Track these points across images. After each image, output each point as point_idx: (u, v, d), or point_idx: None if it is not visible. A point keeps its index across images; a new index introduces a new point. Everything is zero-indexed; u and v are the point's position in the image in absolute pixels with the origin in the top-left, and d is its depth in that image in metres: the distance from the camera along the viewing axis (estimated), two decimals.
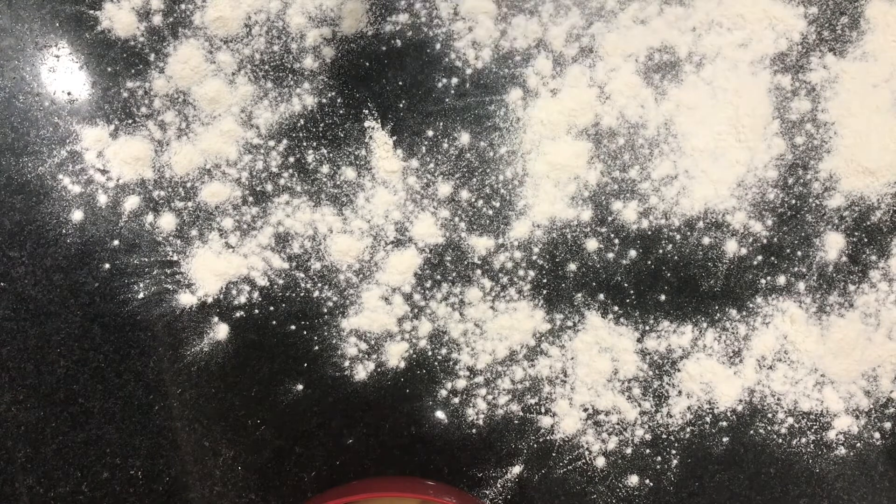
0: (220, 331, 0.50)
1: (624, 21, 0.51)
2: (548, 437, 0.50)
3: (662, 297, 0.51)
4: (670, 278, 0.51)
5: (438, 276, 0.50)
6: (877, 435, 0.51)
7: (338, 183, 0.50)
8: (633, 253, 0.51)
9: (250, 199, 0.50)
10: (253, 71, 0.50)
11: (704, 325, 0.51)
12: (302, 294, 0.50)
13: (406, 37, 0.51)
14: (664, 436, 0.51)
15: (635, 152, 0.51)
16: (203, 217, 0.50)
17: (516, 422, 0.50)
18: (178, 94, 0.50)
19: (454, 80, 0.51)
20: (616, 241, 0.51)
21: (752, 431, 0.51)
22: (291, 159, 0.50)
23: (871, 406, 0.51)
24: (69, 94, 0.50)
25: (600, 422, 0.51)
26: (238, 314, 0.50)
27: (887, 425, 0.51)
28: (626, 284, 0.51)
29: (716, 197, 0.51)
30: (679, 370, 0.51)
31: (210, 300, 0.50)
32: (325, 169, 0.50)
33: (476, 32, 0.51)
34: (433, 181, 0.51)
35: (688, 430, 0.51)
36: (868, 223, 0.51)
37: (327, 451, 0.50)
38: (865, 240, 0.51)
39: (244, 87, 0.50)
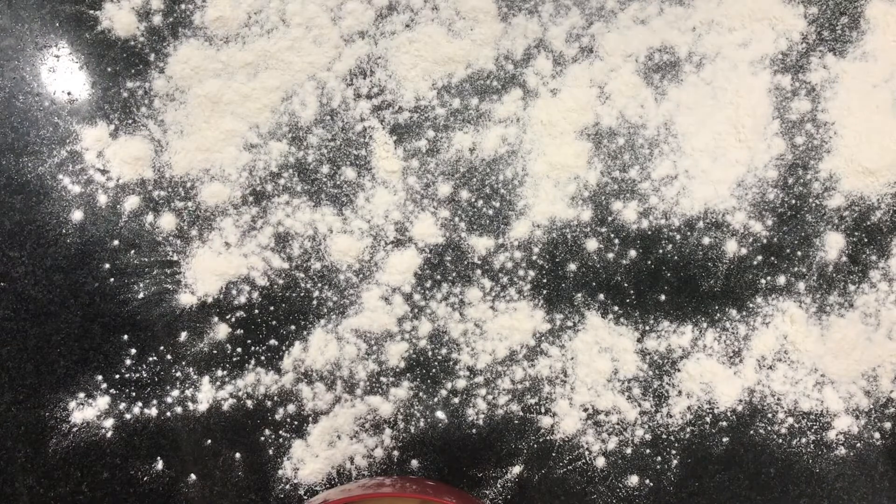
0: (220, 331, 0.50)
1: (624, 21, 0.51)
2: (548, 437, 0.50)
3: (662, 297, 0.51)
4: (670, 278, 0.51)
5: (438, 276, 0.50)
6: (877, 435, 0.51)
7: (338, 183, 0.50)
8: (633, 253, 0.51)
9: (250, 199, 0.50)
10: (254, 70, 0.50)
11: (704, 325, 0.51)
12: (302, 294, 0.50)
13: None
14: (664, 436, 0.51)
15: (635, 152, 0.51)
16: (203, 217, 0.50)
17: (516, 422, 0.50)
18: (178, 93, 0.50)
19: (454, 80, 0.51)
20: (616, 241, 0.51)
21: (752, 431, 0.51)
22: (291, 159, 0.50)
23: (871, 406, 0.51)
24: (69, 94, 0.50)
25: (600, 422, 0.51)
26: (238, 314, 0.50)
27: (887, 425, 0.51)
28: (626, 284, 0.51)
29: (716, 197, 0.51)
30: (679, 370, 0.51)
31: (210, 300, 0.50)
32: (325, 169, 0.50)
33: (476, 32, 0.51)
34: (433, 181, 0.51)
35: (688, 430, 0.51)
36: (868, 223, 0.51)
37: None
38: (865, 240, 0.51)
39: (244, 86, 0.50)
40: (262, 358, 0.50)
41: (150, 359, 0.49)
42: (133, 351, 0.49)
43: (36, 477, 0.49)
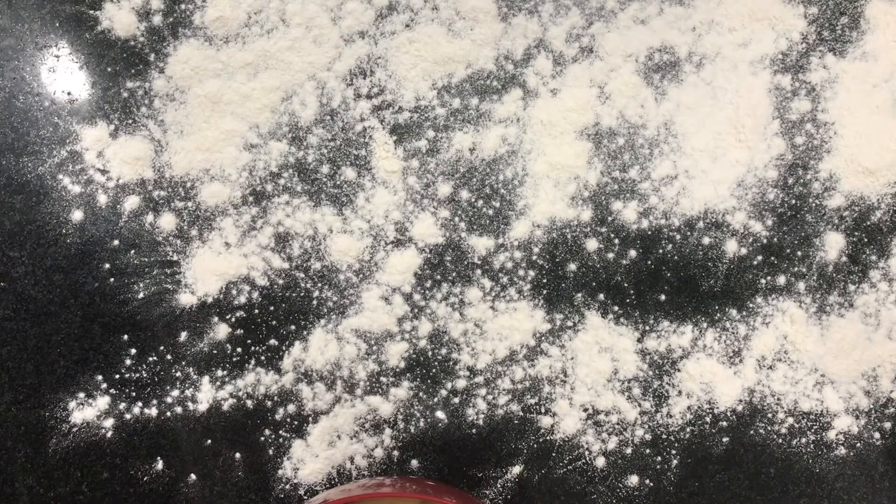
0: (220, 331, 0.50)
1: (624, 21, 0.51)
2: (548, 437, 0.50)
3: (662, 297, 0.51)
4: (670, 278, 0.51)
5: (438, 276, 0.50)
6: (877, 435, 0.51)
7: (338, 183, 0.50)
8: (633, 253, 0.51)
9: (250, 199, 0.50)
10: (254, 70, 0.50)
11: (704, 325, 0.51)
12: (302, 294, 0.50)
13: None
14: (664, 436, 0.51)
15: (635, 152, 0.51)
16: (203, 217, 0.50)
17: (516, 422, 0.50)
18: (178, 93, 0.50)
19: (454, 80, 0.51)
20: (616, 241, 0.51)
21: (752, 431, 0.51)
22: (291, 159, 0.50)
23: (871, 406, 0.51)
24: (69, 94, 0.50)
25: (600, 422, 0.51)
26: (238, 314, 0.50)
27: (887, 425, 0.51)
28: (626, 284, 0.51)
29: (716, 197, 0.51)
30: (679, 370, 0.51)
31: (210, 300, 0.50)
32: (325, 169, 0.50)
33: (476, 32, 0.51)
34: (433, 181, 0.51)
35: (688, 430, 0.51)
36: (868, 223, 0.51)
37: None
38: (865, 240, 0.51)
39: (244, 86, 0.50)
40: (262, 358, 0.50)
41: (150, 359, 0.49)
42: (133, 351, 0.49)
43: (36, 477, 0.49)
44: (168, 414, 0.49)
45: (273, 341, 0.50)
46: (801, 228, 0.51)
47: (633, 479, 0.51)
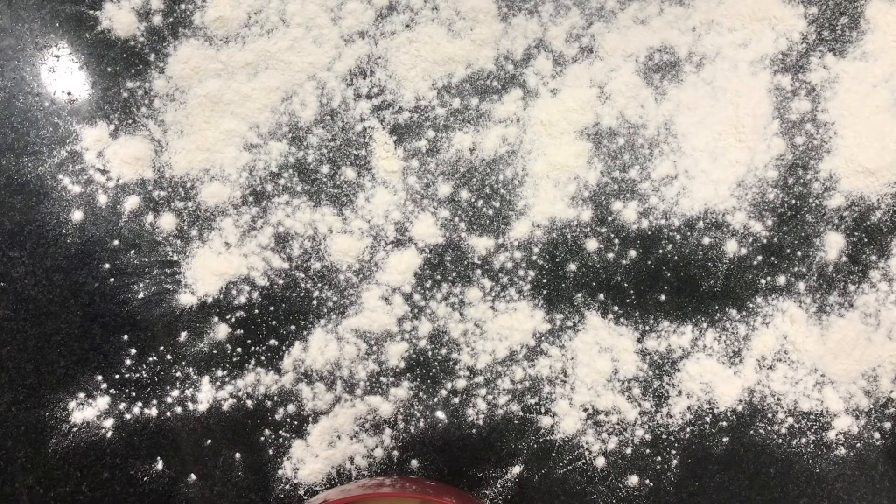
0: (220, 331, 0.50)
1: (624, 21, 0.51)
2: (548, 437, 0.50)
3: (662, 297, 0.51)
4: (670, 278, 0.51)
5: (438, 276, 0.50)
6: (877, 435, 0.51)
7: (338, 183, 0.50)
8: (633, 253, 0.51)
9: (250, 199, 0.50)
10: (254, 70, 0.50)
11: (704, 325, 0.51)
12: (302, 294, 0.50)
13: None
14: (664, 436, 0.51)
15: (635, 152, 0.51)
16: (203, 217, 0.50)
17: (516, 422, 0.50)
18: (178, 93, 0.50)
19: (454, 80, 0.51)
20: (616, 241, 0.51)
21: (752, 431, 0.51)
22: (291, 159, 0.50)
23: (871, 406, 0.51)
24: (69, 94, 0.50)
25: (600, 422, 0.51)
26: (238, 314, 0.50)
27: (887, 425, 0.51)
28: (626, 284, 0.51)
29: (716, 197, 0.51)
30: (679, 370, 0.51)
31: (210, 300, 0.50)
32: (325, 169, 0.50)
33: (476, 32, 0.51)
34: (433, 181, 0.51)
35: (688, 430, 0.51)
36: (868, 223, 0.51)
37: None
38: (865, 240, 0.51)
39: (244, 86, 0.50)
40: (262, 358, 0.50)
41: (150, 359, 0.49)
42: (133, 351, 0.49)
43: (36, 477, 0.49)
44: (168, 414, 0.49)
45: (273, 341, 0.50)
46: (801, 228, 0.51)
47: (633, 479, 0.51)
